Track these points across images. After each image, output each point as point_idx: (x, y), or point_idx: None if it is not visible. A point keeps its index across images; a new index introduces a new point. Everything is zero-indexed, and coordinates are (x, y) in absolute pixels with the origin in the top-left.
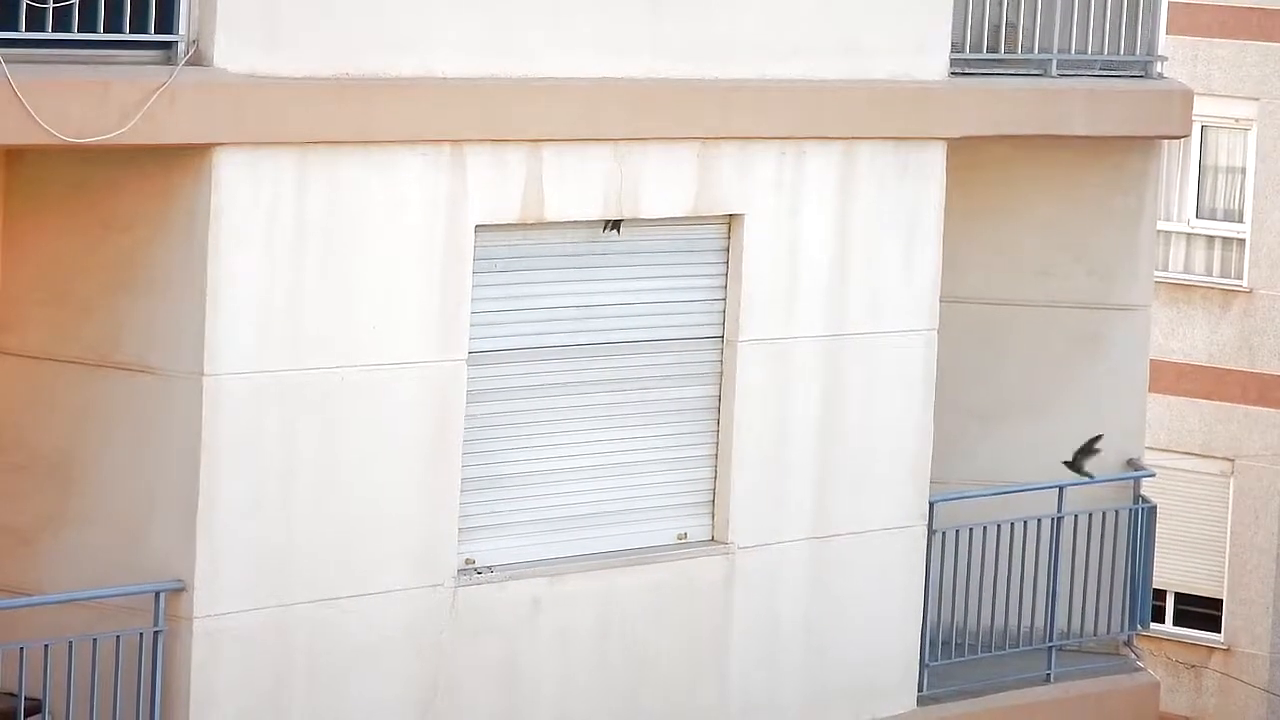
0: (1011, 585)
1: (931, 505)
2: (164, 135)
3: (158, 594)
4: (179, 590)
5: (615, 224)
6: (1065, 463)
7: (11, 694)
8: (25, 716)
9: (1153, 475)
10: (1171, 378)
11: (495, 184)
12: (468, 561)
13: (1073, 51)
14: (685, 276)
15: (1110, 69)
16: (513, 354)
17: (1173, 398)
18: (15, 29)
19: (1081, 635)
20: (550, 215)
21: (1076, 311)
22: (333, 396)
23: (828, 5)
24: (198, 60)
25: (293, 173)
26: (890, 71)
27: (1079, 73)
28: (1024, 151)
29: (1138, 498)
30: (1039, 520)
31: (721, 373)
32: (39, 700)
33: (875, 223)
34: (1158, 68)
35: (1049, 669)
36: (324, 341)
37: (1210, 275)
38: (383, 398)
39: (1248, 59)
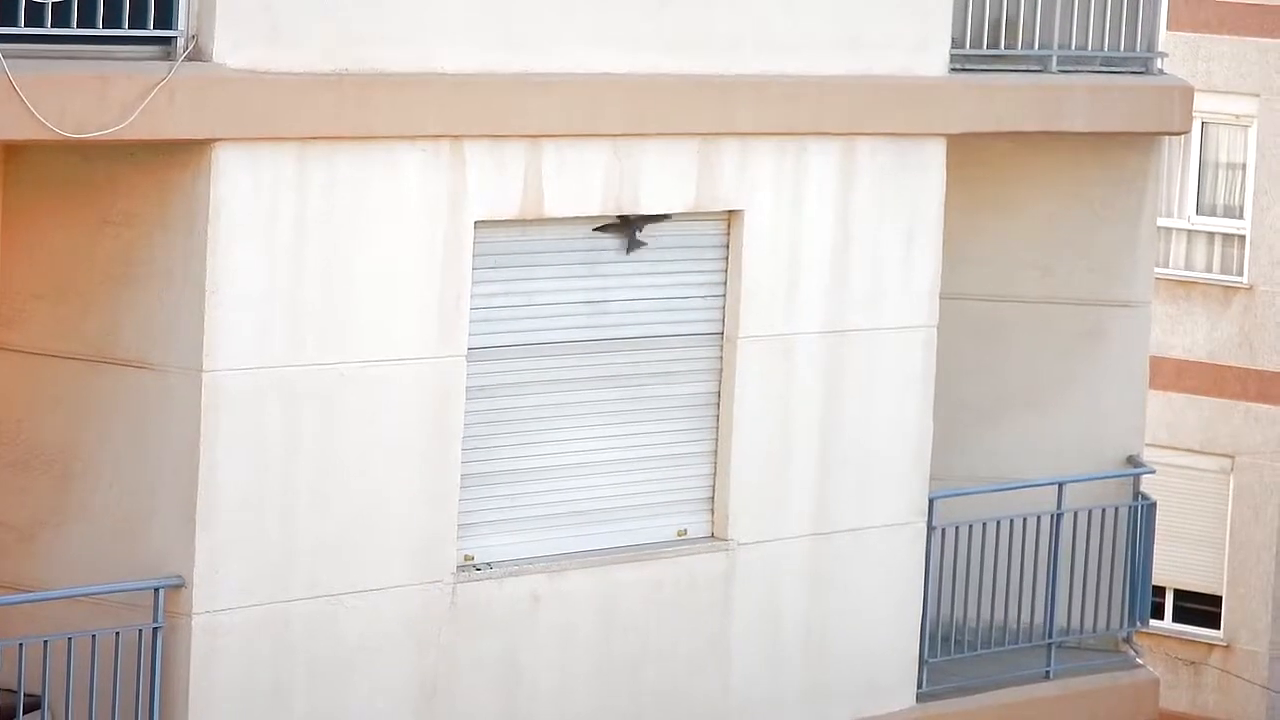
0: (1011, 582)
1: (931, 501)
2: (163, 130)
3: (157, 590)
4: (178, 586)
5: (630, 228)
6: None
7: (11, 690)
8: (24, 712)
9: (1152, 472)
10: (1171, 374)
11: (495, 180)
12: (467, 558)
13: (1073, 47)
14: (685, 272)
15: (1110, 65)
16: (512, 350)
17: (1173, 394)
18: (14, 24)
19: (1081, 632)
20: (550, 211)
21: (1076, 308)
22: (332, 392)
23: (828, 1)
24: (197, 55)
25: (292, 168)
26: (890, 67)
27: (1079, 69)
28: (1024, 148)
29: (1137, 494)
30: (1038, 517)
31: (721, 369)
32: (38, 696)
33: (875, 219)
34: (1158, 64)
35: (1048, 666)
36: (323, 337)
37: (1210, 272)
38: (382, 393)
39: (1248, 55)
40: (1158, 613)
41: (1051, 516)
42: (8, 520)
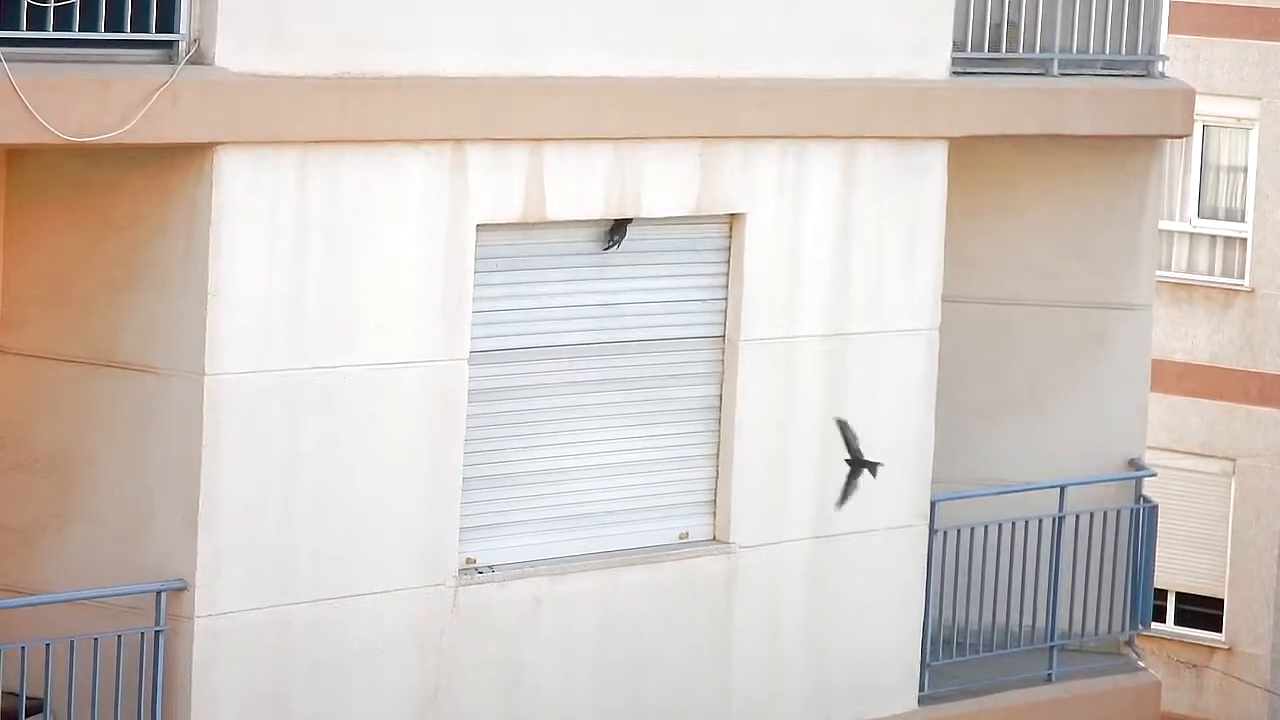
0: (1013, 585)
1: (933, 504)
2: (165, 134)
3: (159, 593)
4: (180, 589)
5: (619, 229)
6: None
7: (13, 693)
8: (27, 716)
9: (1154, 475)
10: (1173, 377)
11: (497, 183)
12: (469, 561)
13: (1074, 51)
14: (687, 276)
15: (1112, 68)
16: (514, 353)
17: (1174, 397)
18: (16, 28)
19: (1083, 635)
20: (552, 214)
21: (1078, 311)
22: (334, 395)
23: (829, 4)
24: (199, 59)
25: (294, 172)
26: (892, 70)
27: (1081, 72)
28: (1025, 151)
29: (1139, 497)
30: (1040, 520)
31: (723, 372)
32: (40, 699)
33: (877, 222)
34: (1159, 67)
35: (1050, 669)
36: (325, 340)
37: (1212, 275)
38: (384, 397)
39: (1249, 58)
40: (1159, 615)
41: (1053, 519)
42: (9, 523)
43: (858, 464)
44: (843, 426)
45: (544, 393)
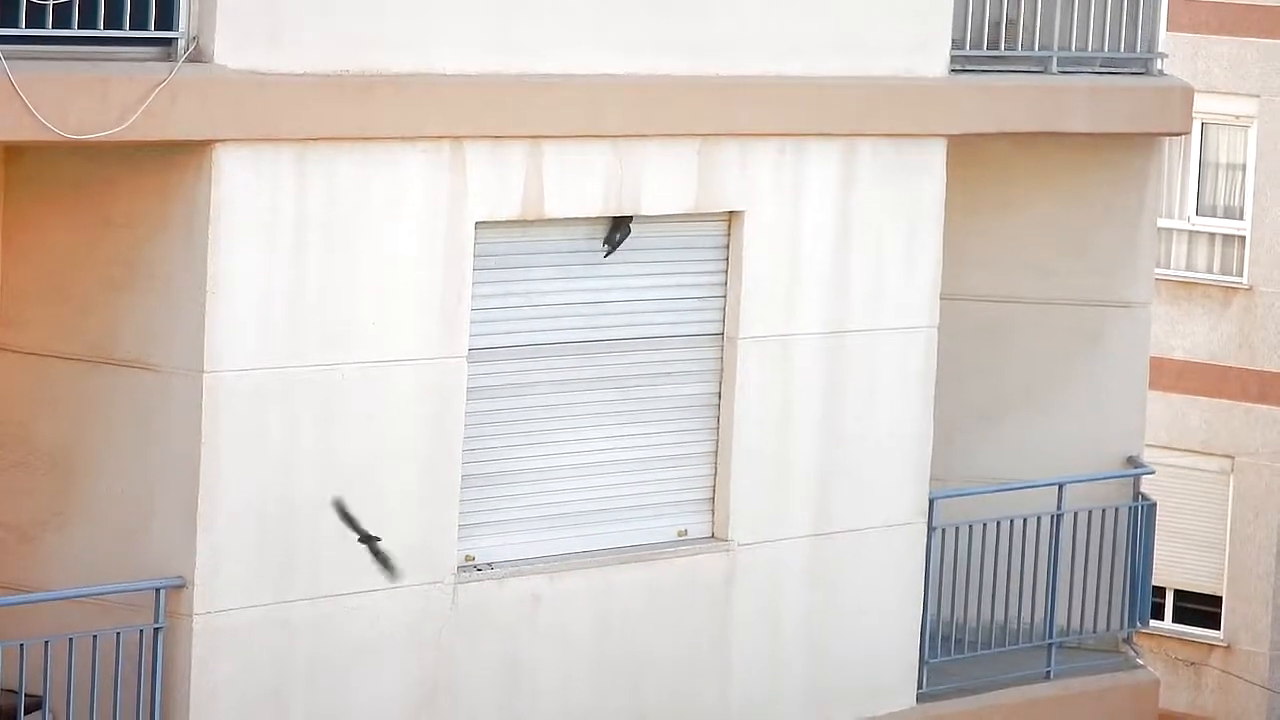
0: (1011, 582)
1: (931, 502)
2: (164, 132)
3: (158, 590)
4: (179, 587)
5: (618, 231)
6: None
7: (12, 691)
8: (25, 713)
9: (1152, 473)
10: (1172, 375)
11: (496, 181)
12: (468, 558)
13: (1073, 48)
14: (686, 273)
15: (1111, 66)
16: (513, 351)
17: (1173, 395)
18: (15, 25)
19: (1081, 632)
20: (551, 212)
21: (1077, 309)
22: (333, 393)
23: (829, 2)
24: (198, 57)
25: (293, 169)
26: (891, 68)
27: (1079, 70)
28: (1024, 148)
29: (1138, 495)
30: (1039, 517)
31: (722, 369)
32: (39, 697)
33: (876, 220)
34: (1158, 64)
35: (1048, 666)
36: (324, 338)
37: (1211, 272)
38: (383, 394)
39: (1248, 56)
40: (1158, 613)
41: (1052, 517)
42: (9, 521)
43: (367, 539)
44: (340, 508)
45: (543, 390)
